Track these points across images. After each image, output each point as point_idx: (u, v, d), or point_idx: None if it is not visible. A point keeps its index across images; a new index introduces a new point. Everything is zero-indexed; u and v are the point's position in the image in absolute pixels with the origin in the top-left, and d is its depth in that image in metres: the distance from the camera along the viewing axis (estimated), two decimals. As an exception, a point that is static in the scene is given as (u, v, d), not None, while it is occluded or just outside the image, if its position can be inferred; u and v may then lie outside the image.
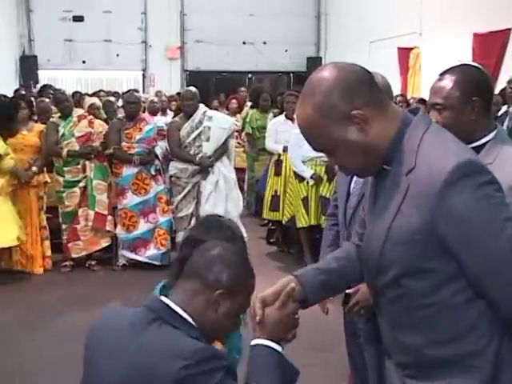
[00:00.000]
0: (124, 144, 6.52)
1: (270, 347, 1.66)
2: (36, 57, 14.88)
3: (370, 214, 1.75)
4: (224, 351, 1.71)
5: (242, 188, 7.76)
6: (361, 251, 1.81)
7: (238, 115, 9.33)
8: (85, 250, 6.62)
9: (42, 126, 6.74)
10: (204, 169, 6.43)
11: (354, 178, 2.79)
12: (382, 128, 1.62)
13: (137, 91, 7.43)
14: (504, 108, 6.43)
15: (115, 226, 6.67)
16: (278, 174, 6.97)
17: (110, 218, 6.63)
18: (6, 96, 6.85)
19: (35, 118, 7.15)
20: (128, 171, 6.52)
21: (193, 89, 6.67)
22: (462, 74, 2.22)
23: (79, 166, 6.57)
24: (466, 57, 9.10)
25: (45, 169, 6.68)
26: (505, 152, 2.12)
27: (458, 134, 1.69)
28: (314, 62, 15.33)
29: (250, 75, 16.75)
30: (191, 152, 6.46)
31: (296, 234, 6.88)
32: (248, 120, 8.57)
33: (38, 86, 12.63)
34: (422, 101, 7.50)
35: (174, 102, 9.90)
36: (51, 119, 6.92)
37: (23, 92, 10.06)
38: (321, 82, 1.61)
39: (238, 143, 8.70)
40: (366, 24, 13.12)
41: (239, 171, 7.80)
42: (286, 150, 6.78)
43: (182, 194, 6.54)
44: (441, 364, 1.63)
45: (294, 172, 6.56)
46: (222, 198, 6.44)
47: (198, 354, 1.56)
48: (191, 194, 6.53)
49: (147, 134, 6.61)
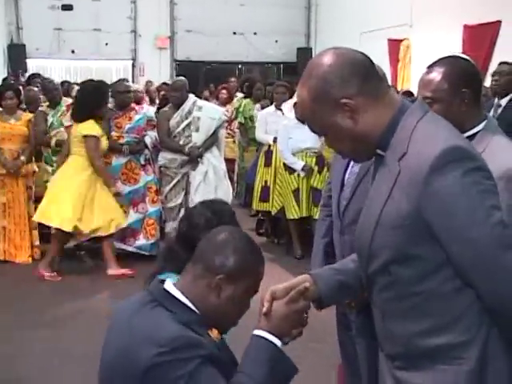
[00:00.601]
0: (113, 133, 6.47)
1: (267, 340, 1.66)
2: (24, 45, 14.76)
3: (366, 199, 1.76)
4: (215, 339, 1.69)
5: (231, 178, 7.75)
6: (355, 238, 1.81)
7: (228, 105, 9.31)
8: (74, 239, 6.58)
9: (31, 115, 6.69)
10: (193, 159, 6.41)
11: (349, 169, 2.79)
12: (374, 116, 1.63)
13: (127, 80, 7.39)
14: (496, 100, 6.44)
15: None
16: (267, 164, 6.94)
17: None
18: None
19: (23, 106, 7.09)
20: (117, 161, 6.47)
21: (181, 79, 6.63)
22: (450, 66, 2.21)
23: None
24: (456, 49, 9.13)
25: (33, 158, 6.64)
26: (495, 142, 2.12)
27: (448, 126, 1.69)
28: (304, 53, 15.33)
29: (239, 66, 16.72)
30: (181, 142, 6.44)
31: (285, 224, 6.88)
32: (241, 110, 8.56)
33: (27, 74, 12.53)
34: (407, 93, 7.50)
35: (161, 92, 9.85)
36: (40, 108, 6.87)
37: (12, 81, 9.98)
38: (318, 66, 1.63)
39: (228, 133, 8.68)
40: (356, 15, 13.12)
41: (229, 162, 7.80)
42: (276, 140, 6.77)
43: (172, 184, 6.52)
44: (429, 355, 1.62)
45: (284, 163, 6.55)
46: (211, 188, 6.43)
47: (174, 342, 1.56)
48: (180, 184, 6.52)
49: (137, 123, 6.56)
